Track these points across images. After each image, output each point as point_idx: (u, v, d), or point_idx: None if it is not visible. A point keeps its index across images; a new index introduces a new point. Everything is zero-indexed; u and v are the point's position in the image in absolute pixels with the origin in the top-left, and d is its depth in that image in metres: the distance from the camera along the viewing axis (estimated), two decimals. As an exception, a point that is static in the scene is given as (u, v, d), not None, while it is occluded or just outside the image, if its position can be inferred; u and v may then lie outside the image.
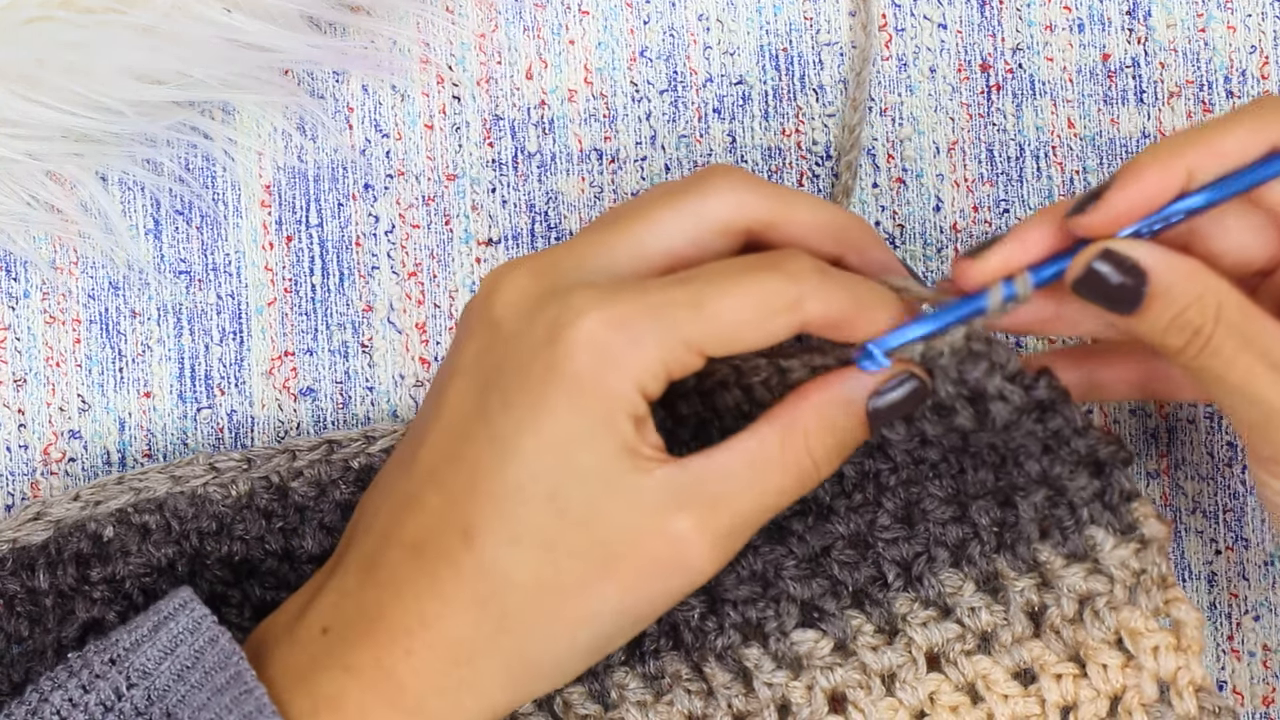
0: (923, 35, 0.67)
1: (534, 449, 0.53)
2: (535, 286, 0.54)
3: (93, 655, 0.55)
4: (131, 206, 0.67)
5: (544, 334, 0.53)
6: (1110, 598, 0.58)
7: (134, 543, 0.61)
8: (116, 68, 0.63)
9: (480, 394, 0.54)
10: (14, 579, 0.61)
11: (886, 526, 0.59)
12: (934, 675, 0.59)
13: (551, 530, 0.53)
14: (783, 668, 0.59)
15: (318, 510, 0.62)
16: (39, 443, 0.67)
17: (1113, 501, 0.58)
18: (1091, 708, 0.59)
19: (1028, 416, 0.55)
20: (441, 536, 0.53)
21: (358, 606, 0.54)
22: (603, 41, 0.67)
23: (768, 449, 0.54)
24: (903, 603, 0.59)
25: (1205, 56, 0.67)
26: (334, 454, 0.63)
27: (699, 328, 0.53)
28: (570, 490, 0.53)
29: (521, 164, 0.67)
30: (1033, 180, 0.67)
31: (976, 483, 0.59)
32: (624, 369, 0.52)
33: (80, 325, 0.67)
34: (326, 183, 0.67)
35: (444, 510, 0.54)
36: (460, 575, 0.53)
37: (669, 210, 0.55)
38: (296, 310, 0.67)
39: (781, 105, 0.67)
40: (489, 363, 0.54)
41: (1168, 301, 0.54)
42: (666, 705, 0.59)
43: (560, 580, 0.53)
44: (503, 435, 0.53)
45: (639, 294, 0.53)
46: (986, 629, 0.59)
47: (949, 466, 0.59)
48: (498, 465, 0.53)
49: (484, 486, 0.53)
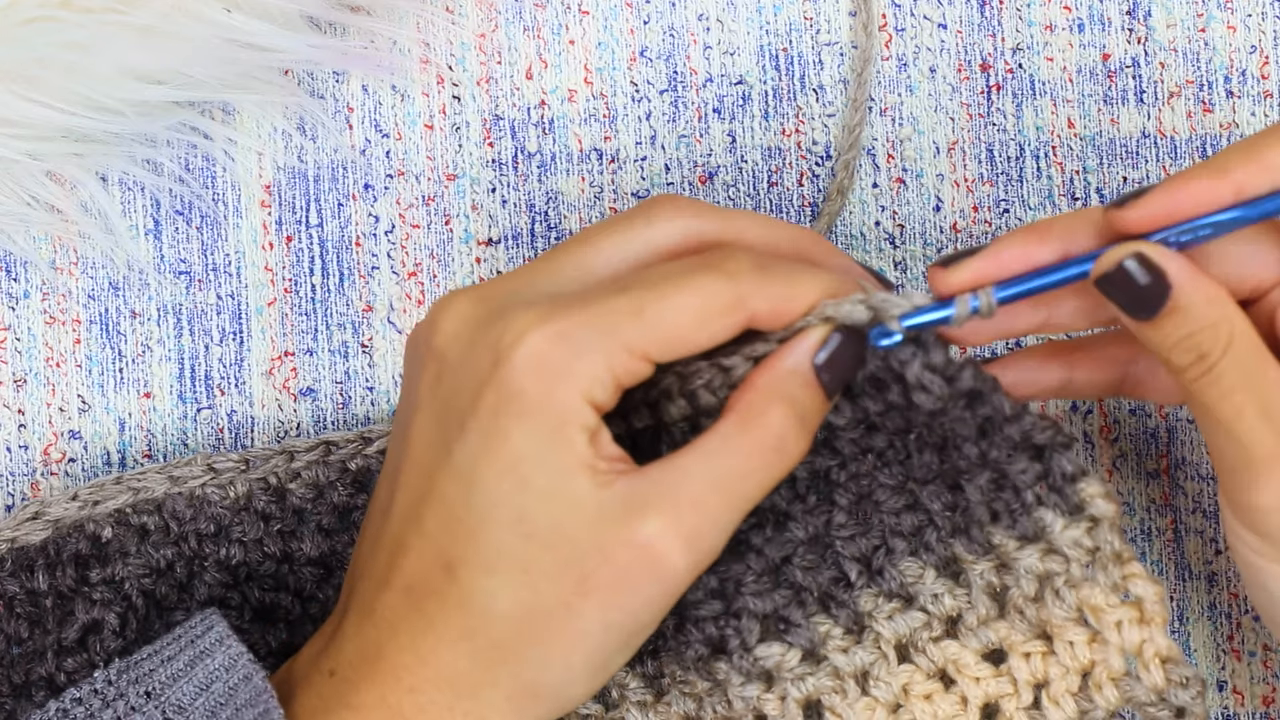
0: (923, 35, 0.67)
1: (493, 475, 0.52)
2: (476, 312, 0.54)
3: (127, 685, 0.55)
4: (131, 206, 0.67)
5: (488, 357, 0.53)
6: (1068, 576, 0.58)
7: (133, 544, 0.61)
8: (116, 68, 0.63)
9: (438, 426, 0.54)
10: (13, 580, 0.61)
11: (843, 524, 0.59)
12: (905, 667, 0.59)
13: (523, 554, 0.53)
14: (752, 681, 0.59)
15: (315, 513, 0.62)
16: (39, 443, 0.67)
17: (1056, 483, 0.58)
18: (1063, 683, 0.59)
19: (954, 404, 0.55)
20: (428, 575, 0.54)
21: (359, 649, 0.55)
22: (603, 41, 0.67)
23: (727, 439, 0.53)
24: (867, 599, 0.59)
25: (1205, 56, 0.67)
26: (331, 455, 0.63)
27: (642, 333, 0.52)
28: (534, 512, 0.52)
29: (521, 164, 0.67)
30: (1033, 180, 0.67)
31: (923, 466, 0.59)
32: (569, 382, 0.52)
33: (80, 325, 0.67)
34: (326, 183, 0.67)
35: (425, 549, 0.54)
36: (447, 609, 0.53)
37: (615, 237, 0.55)
38: (296, 310, 0.67)
39: (781, 105, 0.67)
40: (440, 394, 0.54)
41: (1183, 319, 0.53)
42: (666, 706, 0.59)
43: (540, 604, 0.53)
44: (463, 465, 0.53)
45: (579, 306, 0.53)
46: (951, 614, 0.59)
47: (896, 453, 0.59)
48: (464, 496, 0.53)
49: (456, 519, 0.53)
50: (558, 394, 0.52)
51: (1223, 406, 0.53)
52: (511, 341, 0.52)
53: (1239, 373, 0.53)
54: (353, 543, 0.62)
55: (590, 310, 0.53)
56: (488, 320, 0.53)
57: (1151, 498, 0.66)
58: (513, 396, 0.52)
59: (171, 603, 0.62)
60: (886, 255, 0.67)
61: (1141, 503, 0.67)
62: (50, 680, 0.60)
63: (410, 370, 0.56)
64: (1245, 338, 0.53)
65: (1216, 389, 0.53)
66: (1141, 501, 0.67)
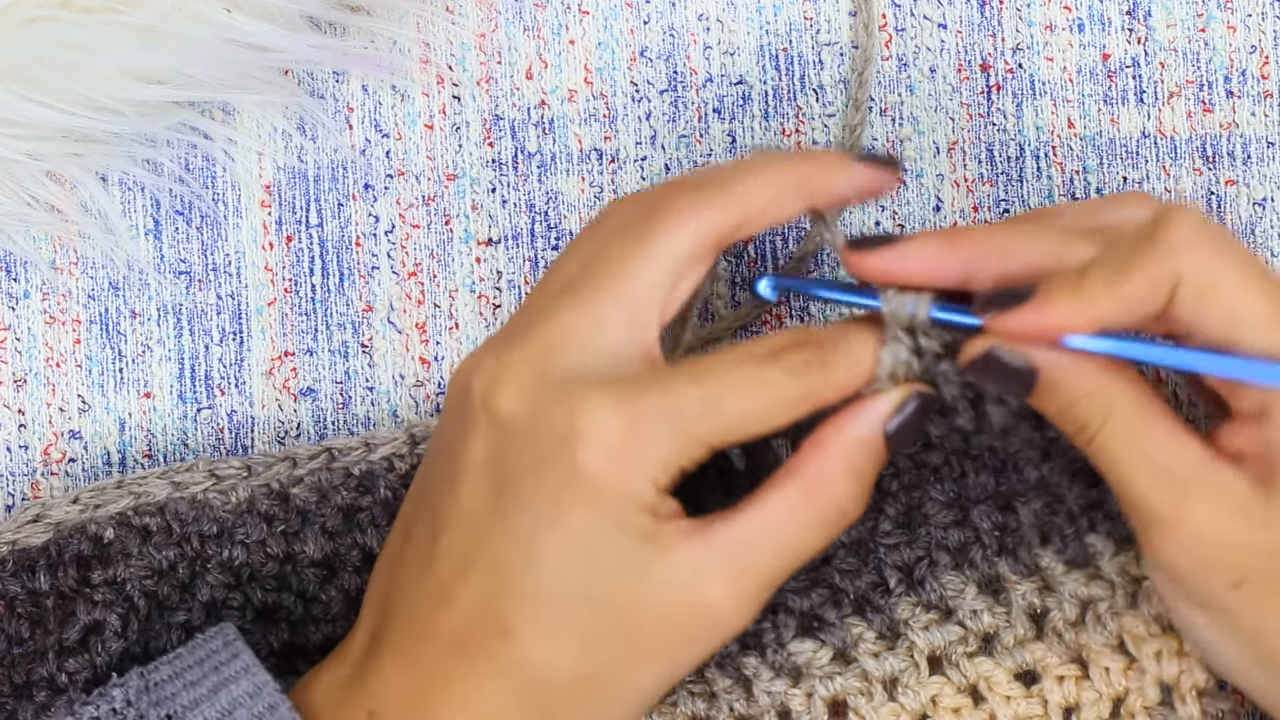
0: (923, 35, 0.67)
1: (556, 549, 0.53)
2: (538, 382, 0.54)
3: (147, 706, 0.55)
4: (131, 206, 0.67)
5: (558, 435, 0.53)
6: (1112, 603, 0.58)
7: (135, 545, 0.61)
8: (116, 68, 0.63)
9: (496, 492, 0.54)
10: (14, 580, 0.61)
11: (888, 532, 0.59)
12: (936, 678, 0.59)
13: (585, 622, 0.53)
14: (781, 676, 0.59)
15: (319, 514, 0.62)
16: (39, 443, 0.67)
17: (1112, 510, 0.58)
18: (1094, 710, 0.59)
19: (1025, 423, 0.55)
20: (479, 634, 0.54)
21: (403, 697, 0.55)
22: (603, 41, 0.67)
23: (792, 506, 0.54)
24: (904, 607, 0.59)
25: (1205, 56, 0.67)
26: (335, 462, 0.63)
27: (712, 427, 0.53)
28: (598, 584, 0.53)
29: (521, 164, 0.67)
30: (1033, 180, 0.67)
31: (978, 486, 0.59)
32: (640, 471, 0.53)
33: (80, 326, 0.67)
34: (326, 183, 0.67)
35: (478, 608, 0.54)
36: (502, 671, 0.53)
37: (641, 261, 0.55)
38: (296, 310, 0.67)
39: (781, 105, 0.67)
40: (500, 461, 0.54)
41: (1056, 394, 0.54)
42: (671, 707, 0.59)
43: (598, 669, 0.53)
44: (522, 535, 0.53)
45: (650, 394, 0.53)
46: (989, 631, 0.59)
47: (950, 470, 0.59)
48: (522, 564, 0.53)
49: (513, 585, 0.53)
50: (627, 481, 0.53)
51: (1113, 472, 0.54)
52: (584, 425, 0.53)
53: (1123, 439, 0.53)
54: (356, 544, 0.62)
55: (662, 401, 0.53)
56: (555, 392, 0.53)
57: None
58: (581, 479, 0.53)
59: (173, 603, 0.62)
60: (886, 255, 0.67)
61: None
62: (51, 681, 0.60)
63: (457, 425, 0.56)
64: (1127, 403, 0.53)
65: (1104, 456, 0.54)
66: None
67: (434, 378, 0.67)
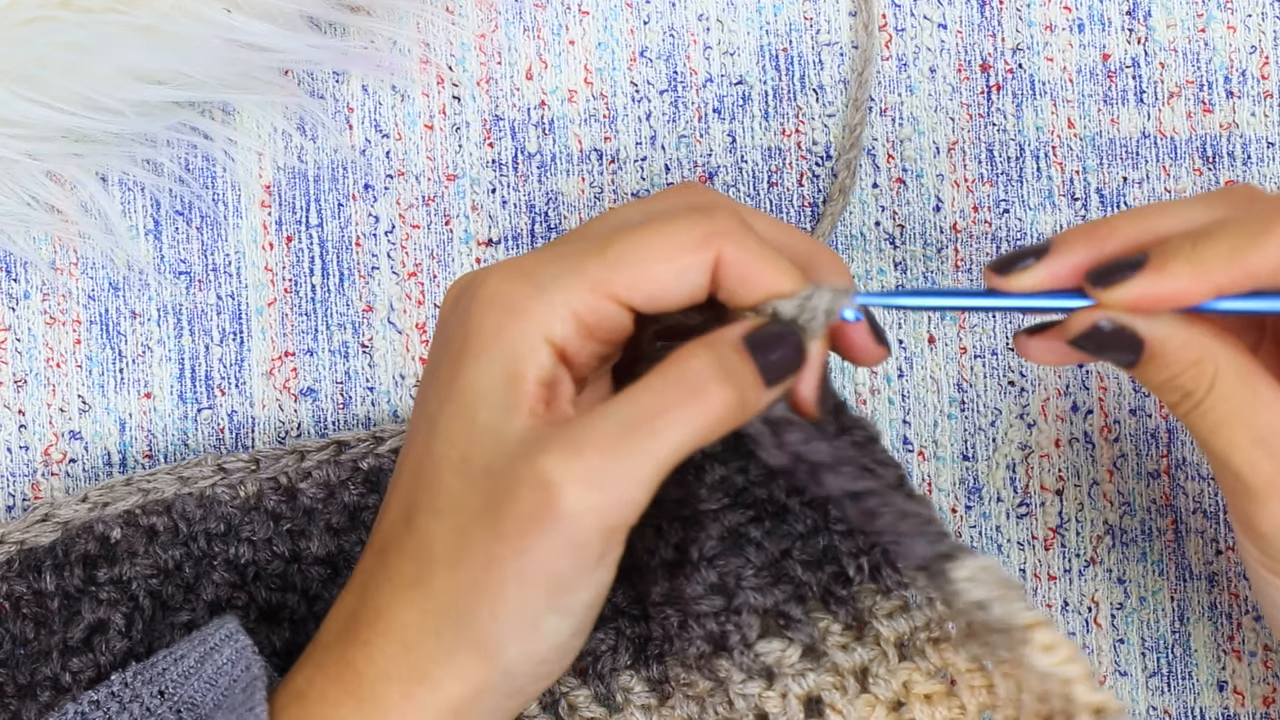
0: (923, 35, 0.67)
1: (449, 415, 0.52)
2: (469, 277, 0.54)
3: (141, 686, 0.55)
4: (131, 207, 0.67)
5: (461, 307, 0.53)
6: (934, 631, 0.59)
7: (141, 544, 0.61)
8: (116, 68, 0.63)
9: (422, 391, 0.54)
10: (20, 580, 0.61)
11: (840, 519, 0.59)
12: (905, 665, 0.59)
13: (461, 494, 0.51)
14: (753, 679, 0.58)
15: (325, 512, 0.62)
16: (40, 443, 0.66)
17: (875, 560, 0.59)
18: None
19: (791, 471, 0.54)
20: (394, 528, 0.53)
21: (336, 615, 0.54)
22: (603, 41, 0.67)
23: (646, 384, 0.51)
24: (866, 595, 0.59)
25: (1205, 56, 0.67)
26: (342, 455, 0.63)
27: (605, 269, 0.51)
28: (473, 450, 0.51)
29: (521, 164, 0.67)
30: (1033, 180, 0.67)
31: None
32: (523, 317, 0.51)
33: (80, 326, 0.67)
34: (326, 183, 0.67)
35: (397, 503, 0.53)
36: (403, 559, 0.52)
37: (630, 208, 0.54)
38: (296, 310, 0.67)
39: (781, 105, 0.67)
40: (430, 356, 0.54)
41: (1163, 363, 0.54)
42: (670, 709, 0.59)
43: (468, 548, 0.51)
44: (430, 410, 0.53)
45: (547, 249, 0.52)
46: (944, 617, 0.59)
47: None
48: (427, 441, 0.52)
49: (421, 466, 0.52)
50: (511, 329, 0.51)
51: (1215, 440, 0.54)
52: (479, 284, 0.52)
53: (1227, 407, 0.53)
54: (361, 542, 0.62)
55: (555, 250, 0.52)
56: (472, 281, 0.53)
57: (1152, 498, 0.67)
58: (471, 335, 0.52)
59: (177, 603, 0.62)
60: (886, 255, 0.67)
61: (1142, 503, 0.67)
62: (55, 680, 0.60)
63: None
64: (1231, 371, 0.54)
65: (1206, 423, 0.54)
66: (1142, 502, 0.67)
67: (434, 378, 0.67)
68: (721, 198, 0.55)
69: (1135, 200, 0.67)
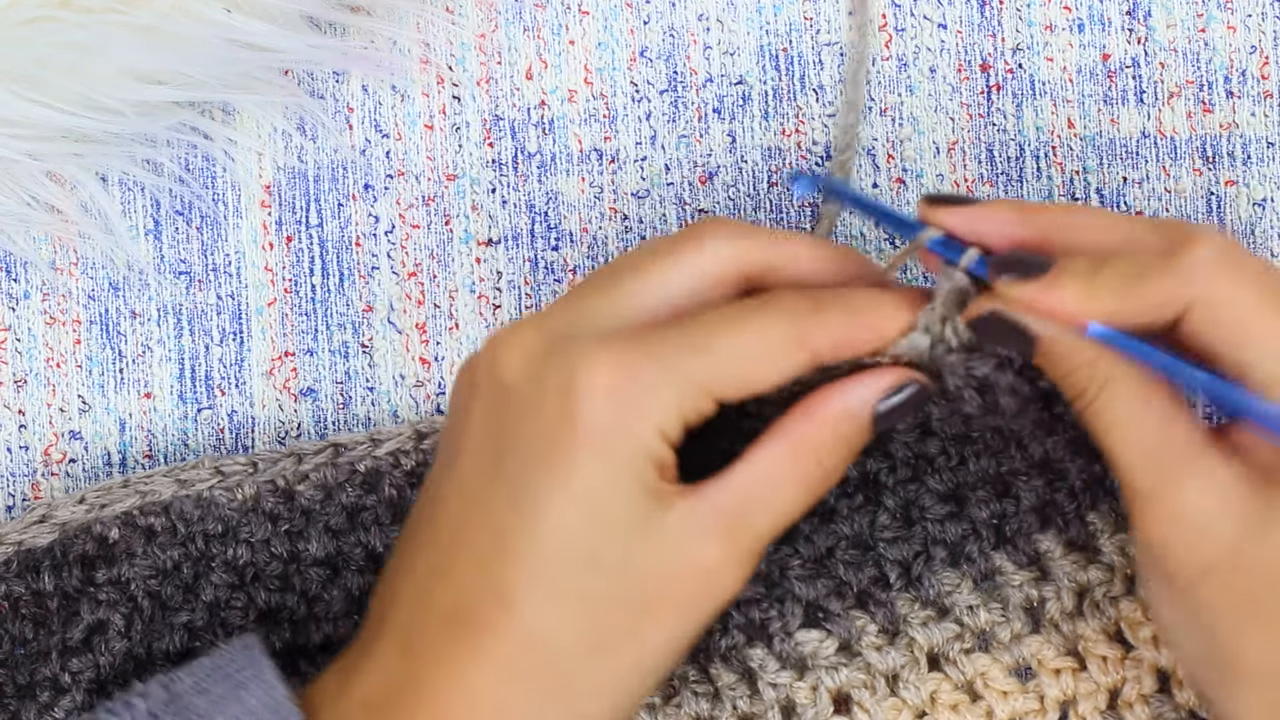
0: (923, 35, 0.67)
1: (562, 506, 0.52)
2: (540, 343, 0.53)
3: (167, 716, 0.53)
4: (131, 207, 0.67)
5: (557, 388, 0.52)
6: (1109, 588, 0.58)
7: (139, 545, 0.61)
8: (116, 68, 0.63)
9: (495, 457, 0.53)
10: (19, 581, 0.61)
11: (886, 526, 0.60)
12: (935, 674, 0.59)
13: (589, 585, 0.52)
14: (787, 668, 0.59)
15: (323, 514, 0.62)
16: (39, 444, 0.66)
17: (1112, 485, 0.58)
18: (1091, 702, 0.59)
19: (1033, 405, 0.55)
20: (478, 604, 0.52)
21: (398, 681, 0.53)
22: (603, 41, 0.67)
23: (781, 466, 0.53)
24: (904, 602, 0.60)
25: (1205, 56, 0.67)
26: (340, 457, 0.63)
27: (710, 371, 0.52)
28: (602, 542, 0.52)
29: (521, 164, 0.67)
30: (1033, 180, 0.67)
31: (977, 472, 0.59)
32: (644, 416, 0.52)
33: (80, 326, 0.67)
34: (326, 183, 0.67)
35: (475, 576, 0.53)
36: (503, 643, 0.52)
37: (665, 264, 0.55)
38: (296, 310, 0.67)
39: (781, 105, 0.67)
40: (500, 424, 0.53)
41: (1057, 360, 0.54)
42: (675, 708, 0.60)
43: (604, 635, 0.52)
44: (526, 495, 0.52)
45: (645, 341, 0.52)
46: (984, 627, 0.60)
47: (947, 460, 0.59)
48: (525, 526, 0.52)
49: (514, 549, 0.52)
50: (635, 427, 0.52)
51: (1105, 441, 0.54)
52: (582, 373, 0.52)
53: (1117, 411, 0.53)
54: (360, 543, 0.62)
55: (659, 346, 0.52)
56: (553, 351, 0.53)
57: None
58: (586, 428, 0.52)
59: (176, 603, 0.62)
60: (886, 256, 0.67)
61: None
62: (54, 681, 0.60)
63: (462, 402, 0.55)
64: (1127, 376, 0.54)
65: (1099, 422, 0.54)
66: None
67: (434, 378, 0.67)
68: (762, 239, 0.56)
69: (1135, 200, 0.67)
